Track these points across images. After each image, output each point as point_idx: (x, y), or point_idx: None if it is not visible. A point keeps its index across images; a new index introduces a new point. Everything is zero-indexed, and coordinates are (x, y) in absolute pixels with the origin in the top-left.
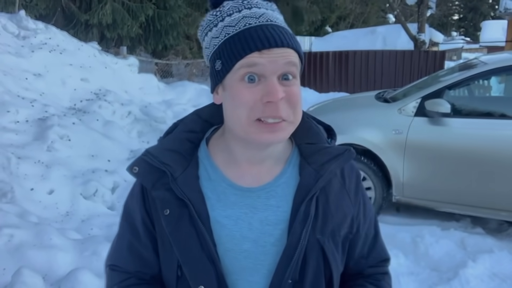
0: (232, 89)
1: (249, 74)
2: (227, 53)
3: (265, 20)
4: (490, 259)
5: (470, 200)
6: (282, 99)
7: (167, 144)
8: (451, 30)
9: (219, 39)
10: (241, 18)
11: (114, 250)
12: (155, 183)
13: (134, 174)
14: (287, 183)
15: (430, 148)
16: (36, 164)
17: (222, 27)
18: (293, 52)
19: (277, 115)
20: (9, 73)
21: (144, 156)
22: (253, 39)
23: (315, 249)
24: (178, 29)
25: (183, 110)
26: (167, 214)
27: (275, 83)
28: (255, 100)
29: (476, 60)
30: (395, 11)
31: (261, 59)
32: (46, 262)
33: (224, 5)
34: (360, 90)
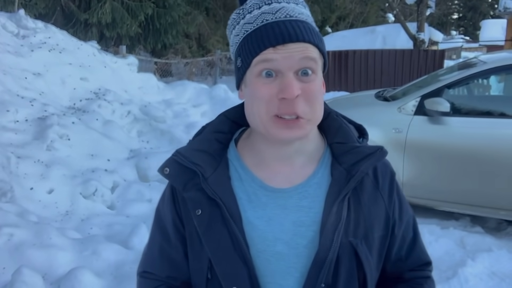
0: (251, 84)
1: (266, 70)
2: (245, 50)
3: (283, 16)
4: (489, 258)
5: (469, 199)
6: (299, 96)
7: (196, 144)
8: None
9: (239, 37)
10: (259, 15)
11: (145, 256)
12: (186, 184)
13: (165, 175)
14: (319, 184)
15: (430, 147)
16: (36, 163)
17: (243, 24)
18: (311, 46)
19: (291, 111)
20: (8, 72)
21: (175, 157)
22: (268, 35)
23: (347, 251)
24: (178, 27)
25: (183, 109)
26: (199, 214)
27: (291, 79)
28: (271, 95)
29: (475, 59)
30: (394, 10)
31: (276, 54)
32: (45, 261)
33: (247, 3)
34: (360, 89)
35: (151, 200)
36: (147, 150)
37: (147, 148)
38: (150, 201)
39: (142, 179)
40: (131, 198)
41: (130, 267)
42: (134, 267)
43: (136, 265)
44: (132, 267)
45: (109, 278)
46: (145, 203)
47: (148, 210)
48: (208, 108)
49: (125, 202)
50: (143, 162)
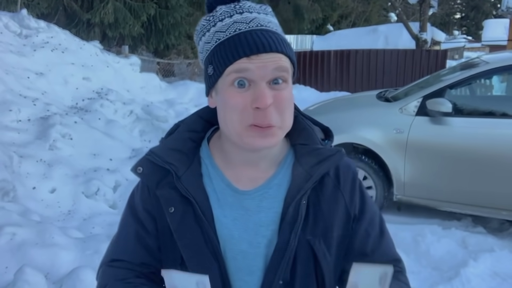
0: (224, 93)
1: (238, 79)
2: (218, 58)
3: (256, 25)
4: (491, 258)
5: (471, 199)
6: (271, 105)
7: (170, 143)
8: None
9: (210, 44)
10: (231, 24)
11: (115, 244)
12: (159, 182)
13: (138, 174)
14: (279, 184)
15: (432, 147)
16: (38, 163)
17: (214, 32)
18: (283, 56)
19: (265, 122)
20: (11, 72)
21: (148, 156)
22: (242, 44)
23: (305, 250)
24: (180, 28)
25: (185, 109)
26: (172, 211)
27: (264, 89)
28: (244, 104)
29: (478, 59)
30: (397, 9)
31: (250, 64)
32: (48, 260)
33: (217, 10)
34: (361, 89)
35: None
36: None
37: (149, 147)
38: None
39: None
40: None
41: None
42: None
43: None
44: None
45: None
46: None
47: None
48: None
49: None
50: None
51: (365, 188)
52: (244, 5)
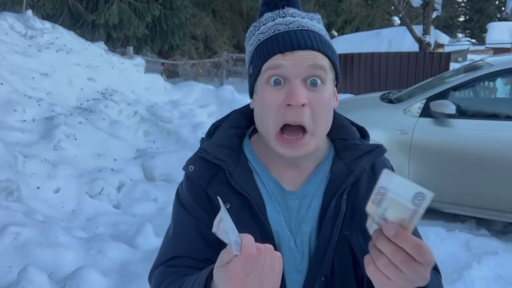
0: (260, 92)
1: (274, 77)
2: (256, 57)
3: (296, 26)
4: (495, 261)
5: (475, 201)
6: (306, 105)
7: (218, 140)
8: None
9: (253, 46)
10: (272, 26)
11: (175, 242)
12: (211, 180)
13: (190, 173)
14: (319, 182)
15: (435, 149)
16: (43, 162)
17: (257, 35)
18: (320, 55)
19: (297, 120)
20: (16, 72)
21: (200, 153)
22: (278, 42)
23: (343, 245)
24: (185, 29)
25: (190, 110)
26: (228, 207)
27: (298, 86)
28: (278, 102)
29: (481, 61)
30: (400, 13)
31: (284, 61)
32: (52, 260)
33: (263, 16)
34: (365, 91)
35: (156, 200)
36: (154, 150)
37: (154, 148)
38: (155, 200)
39: (148, 178)
40: (137, 198)
41: (136, 266)
42: (140, 266)
43: (142, 264)
44: (137, 266)
45: (114, 277)
46: (150, 202)
47: (153, 209)
48: (214, 108)
49: (131, 201)
50: (149, 161)
51: None
52: (288, 10)
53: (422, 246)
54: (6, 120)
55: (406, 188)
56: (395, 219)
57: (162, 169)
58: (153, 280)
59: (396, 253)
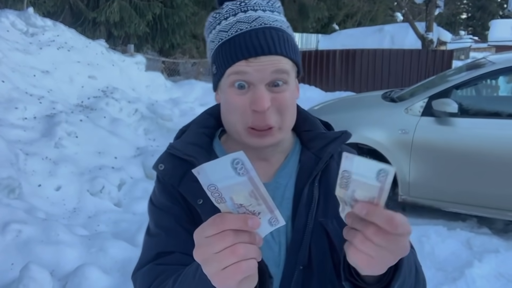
0: (225, 93)
1: (238, 82)
2: (219, 59)
3: (259, 24)
4: (496, 259)
5: (476, 200)
6: (270, 107)
7: (187, 138)
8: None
9: (214, 44)
10: (234, 23)
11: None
12: (182, 178)
13: (160, 171)
14: (290, 173)
15: (437, 148)
16: (44, 160)
17: (218, 31)
18: (283, 58)
19: (264, 124)
20: (17, 70)
21: (169, 150)
22: (241, 47)
23: (319, 232)
24: (185, 28)
25: (190, 108)
26: (201, 203)
27: (262, 92)
28: (244, 106)
29: (484, 59)
30: (403, 9)
31: (248, 67)
32: (53, 257)
33: (223, 7)
34: (366, 89)
35: None
36: (154, 148)
37: (154, 146)
38: None
39: (149, 176)
40: (138, 196)
41: None
42: None
43: None
44: None
45: (116, 275)
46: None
47: None
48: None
49: (131, 199)
50: (150, 159)
51: None
52: (250, 2)
53: (395, 218)
54: (7, 117)
55: (368, 167)
56: (365, 198)
57: None
58: (138, 280)
59: (371, 228)
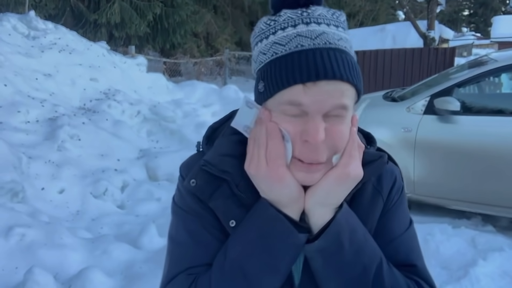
0: (273, 116)
1: (291, 112)
2: (271, 77)
3: (323, 43)
4: (500, 258)
5: (481, 198)
6: (323, 140)
7: (222, 149)
8: (461, 26)
9: (266, 57)
10: (294, 37)
11: (190, 250)
12: (213, 194)
13: (192, 187)
14: None
15: (440, 146)
16: (47, 163)
17: (272, 43)
18: (347, 86)
19: (314, 158)
20: (19, 73)
21: (204, 167)
22: (300, 67)
23: None
24: (186, 27)
25: (193, 109)
26: (233, 225)
27: (317, 124)
28: (294, 133)
29: (486, 57)
30: (404, 8)
31: (305, 96)
32: (57, 261)
33: (281, 14)
34: (369, 89)
35: (160, 199)
36: (157, 150)
37: (157, 147)
38: (159, 200)
39: (152, 178)
40: (141, 198)
41: (140, 267)
42: (144, 266)
43: (146, 265)
44: (142, 266)
45: (119, 277)
46: (154, 202)
47: (157, 209)
48: (218, 108)
49: (134, 201)
50: (153, 161)
51: None
52: (314, 13)
53: None
54: (10, 121)
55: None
56: None
57: (165, 169)
58: None
59: None
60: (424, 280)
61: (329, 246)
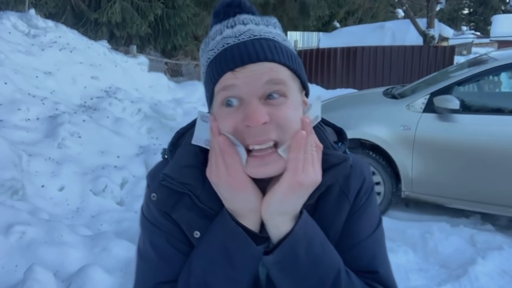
0: (217, 115)
1: (227, 99)
2: (207, 79)
3: (247, 37)
4: (499, 256)
5: (479, 196)
6: (269, 123)
7: (182, 160)
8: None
9: (204, 67)
10: (220, 40)
11: (155, 265)
12: (175, 205)
13: (153, 201)
14: None
15: (439, 144)
16: (47, 161)
17: (207, 52)
18: (277, 66)
19: (261, 139)
20: (19, 71)
21: (163, 182)
22: (226, 59)
23: None
24: (187, 29)
25: (193, 108)
26: (197, 236)
27: (255, 106)
28: (235, 125)
29: (486, 55)
30: (404, 5)
31: (235, 80)
32: (57, 258)
33: (211, 29)
34: (368, 86)
35: None
36: (156, 147)
37: (157, 144)
38: None
39: None
40: (140, 194)
41: None
42: None
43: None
44: None
45: (119, 274)
46: None
47: None
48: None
49: (134, 198)
50: (152, 158)
51: None
52: (239, 18)
53: None
54: (10, 119)
55: None
56: None
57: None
58: None
59: None
60: (376, 280)
61: (284, 260)
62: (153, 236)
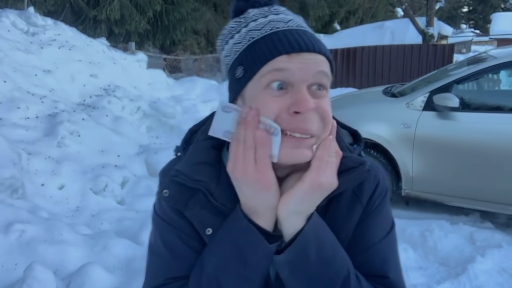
0: (255, 98)
1: (277, 82)
2: (251, 57)
3: (295, 25)
4: (499, 254)
5: (479, 194)
6: (313, 111)
7: (195, 157)
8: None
9: (242, 44)
10: (267, 22)
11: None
12: (188, 203)
13: (164, 198)
14: None
15: (439, 142)
16: (47, 159)
17: (246, 31)
18: (325, 60)
19: (305, 127)
20: (19, 69)
21: (175, 178)
22: (281, 41)
23: None
24: (186, 24)
25: (192, 105)
26: (210, 233)
27: (305, 92)
28: (281, 110)
29: (485, 54)
30: (403, 4)
31: (290, 64)
32: (57, 257)
33: (248, 12)
34: (367, 85)
35: None
36: (157, 146)
37: (157, 143)
38: None
39: (152, 174)
40: (141, 193)
41: (140, 262)
42: (144, 262)
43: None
44: (142, 262)
45: (119, 273)
46: (154, 198)
47: None
48: (218, 104)
49: (134, 197)
50: (153, 157)
51: None
52: (279, 8)
53: None
54: (9, 117)
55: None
56: None
57: (165, 164)
58: None
59: None
60: (387, 285)
61: (294, 259)
62: (165, 233)
